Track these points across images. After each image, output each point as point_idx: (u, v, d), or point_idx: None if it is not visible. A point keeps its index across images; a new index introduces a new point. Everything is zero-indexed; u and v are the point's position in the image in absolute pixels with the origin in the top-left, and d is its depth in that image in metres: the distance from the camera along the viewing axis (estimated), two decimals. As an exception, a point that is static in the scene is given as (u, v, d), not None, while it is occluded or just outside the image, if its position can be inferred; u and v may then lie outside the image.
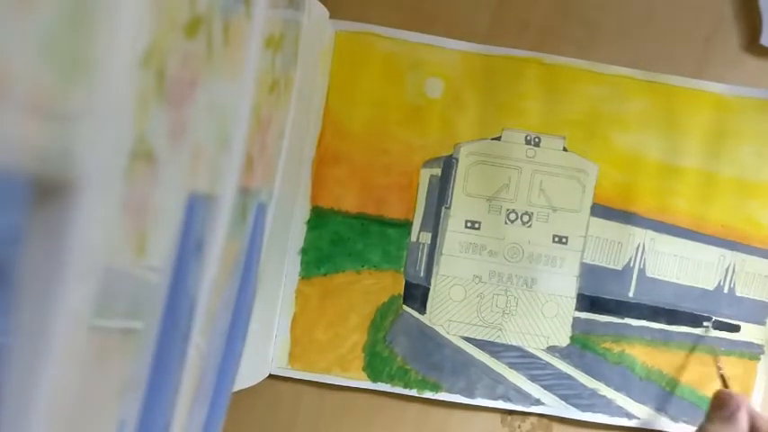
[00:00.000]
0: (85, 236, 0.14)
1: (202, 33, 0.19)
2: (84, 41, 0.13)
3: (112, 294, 0.16)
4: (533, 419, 0.43)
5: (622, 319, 0.42)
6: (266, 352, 0.41)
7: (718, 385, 0.42)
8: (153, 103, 0.17)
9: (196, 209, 0.21)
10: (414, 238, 0.42)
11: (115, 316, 0.17)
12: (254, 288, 0.29)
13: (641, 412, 0.42)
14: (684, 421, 0.42)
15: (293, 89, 0.32)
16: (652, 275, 0.43)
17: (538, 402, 0.42)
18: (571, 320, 0.42)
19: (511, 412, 0.42)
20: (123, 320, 0.17)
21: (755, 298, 0.43)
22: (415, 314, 0.42)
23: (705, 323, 0.42)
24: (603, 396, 0.42)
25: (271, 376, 0.42)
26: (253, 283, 0.29)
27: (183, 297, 0.21)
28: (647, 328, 0.42)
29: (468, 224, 0.42)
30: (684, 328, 0.42)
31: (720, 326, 0.42)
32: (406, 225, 0.42)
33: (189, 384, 0.23)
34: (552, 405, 0.42)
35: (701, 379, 0.42)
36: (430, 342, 0.42)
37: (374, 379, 0.42)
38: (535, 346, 0.42)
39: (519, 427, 0.43)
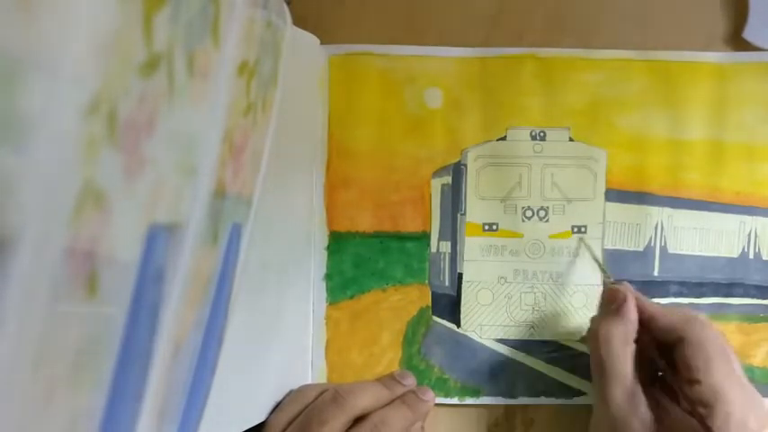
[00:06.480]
0: (23, 289, 0.15)
1: (162, 70, 0.20)
2: (14, 100, 0.14)
3: (59, 335, 0.17)
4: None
5: (651, 298, 0.42)
6: (305, 381, 0.41)
7: (766, 353, 0.42)
8: (102, 147, 0.17)
9: (157, 240, 0.21)
10: (434, 249, 0.42)
11: (63, 354, 0.17)
12: (228, 307, 0.29)
13: (683, 388, 0.42)
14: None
15: (272, 109, 0.32)
16: (674, 251, 0.43)
17: (580, 393, 0.42)
18: (601, 307, 0.42)
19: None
20: (73, 357, 0.18)
21: (782, 259, 0.43)
22: (446, 323, 0.42)
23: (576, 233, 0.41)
24: (643, 376, 0.42)
25: (312, 405, 0.42)
26: (225, 303, 0.29)
27: (141, 327, 0.21)
28: (677, 304, 0.42)
29: (486, 227, 0.42)
30: (714, 299, 0.42)
31: (751, 292, 0.42)
32: (424, 237, 0.42)
33: (151, 407, 0.23)
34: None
35: (743, 348, 0.42)
36: (464, 349, 0.42)
37: (415, 393, 0.42)
38: (569, 338, 0.42)
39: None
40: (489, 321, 0.42)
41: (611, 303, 0.37)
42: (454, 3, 0.42)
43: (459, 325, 0.42)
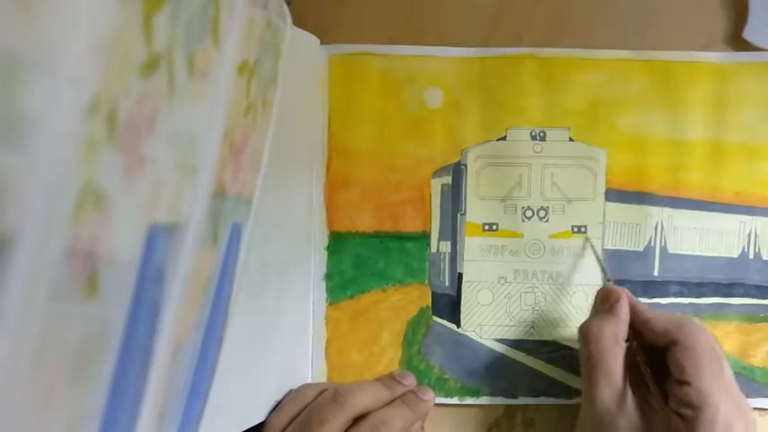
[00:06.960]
0: (23, 289, 0.15)
1: (162, 70, 0.20)
2: (14, 100, 0.14)
3: (59, 335, 0.17)
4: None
5: (651, 298, 0.42)
6: (305, 381, 0.41)
7: (766, 353, 0.42)
8: (102, 147, 0.17)
9: (157, 240, 0.21)
10: (434, 249, 0.42)
11: (63, 354, 0.17)
12: (228, 308, 0.30)
13: (683, 388, 0.42)
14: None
15: (272, 109, 0.32)
16: (674, 252, 0.43)
17: (580, 393, 0.42)
18: (601, 307, 0.42)
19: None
20: (73, 357, 0.18)
21: (782, 260, 0.43)
22: (446, 323, 0.42)
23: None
24: (642, 376, 0.42)
25: (312, 405, 0.42)
26: (225, 303, 0.29)
27: (141, 327, 0.21)
28: (677, 304, 0.42)
29: (486, 227, 0.42)
30: (714, 299, 0.42)
31: (751, 292, 0.42)
32: (424, 237, 0.42)
33: (152, 407, 0.23)
34: (594, 393, 0.42)
35: (743, 348, 0.42)
36: (464, 349, 0.42)
37: (415, 393, 0.42)
38: (569, 338, 0.42)
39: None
40: (489, 321, 0.42)
41: (604, 302, 0.38)
42: (454, 3, 0.42)
43: (459, 325, 0.42)
